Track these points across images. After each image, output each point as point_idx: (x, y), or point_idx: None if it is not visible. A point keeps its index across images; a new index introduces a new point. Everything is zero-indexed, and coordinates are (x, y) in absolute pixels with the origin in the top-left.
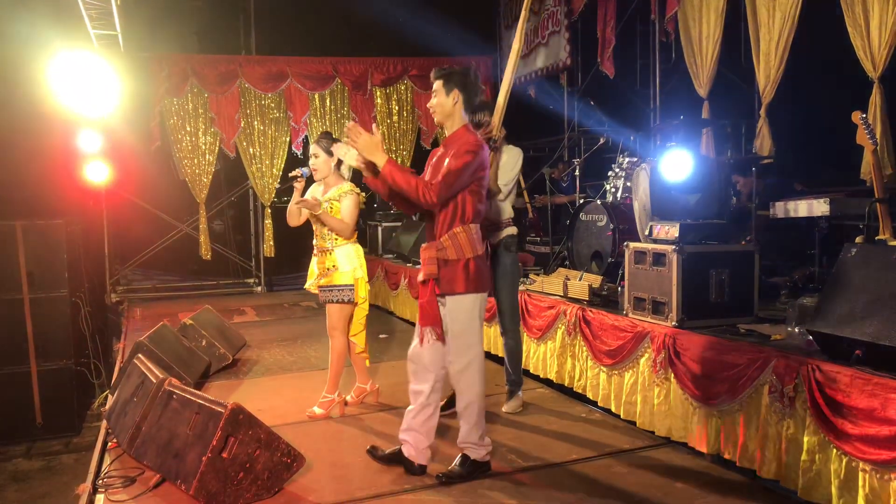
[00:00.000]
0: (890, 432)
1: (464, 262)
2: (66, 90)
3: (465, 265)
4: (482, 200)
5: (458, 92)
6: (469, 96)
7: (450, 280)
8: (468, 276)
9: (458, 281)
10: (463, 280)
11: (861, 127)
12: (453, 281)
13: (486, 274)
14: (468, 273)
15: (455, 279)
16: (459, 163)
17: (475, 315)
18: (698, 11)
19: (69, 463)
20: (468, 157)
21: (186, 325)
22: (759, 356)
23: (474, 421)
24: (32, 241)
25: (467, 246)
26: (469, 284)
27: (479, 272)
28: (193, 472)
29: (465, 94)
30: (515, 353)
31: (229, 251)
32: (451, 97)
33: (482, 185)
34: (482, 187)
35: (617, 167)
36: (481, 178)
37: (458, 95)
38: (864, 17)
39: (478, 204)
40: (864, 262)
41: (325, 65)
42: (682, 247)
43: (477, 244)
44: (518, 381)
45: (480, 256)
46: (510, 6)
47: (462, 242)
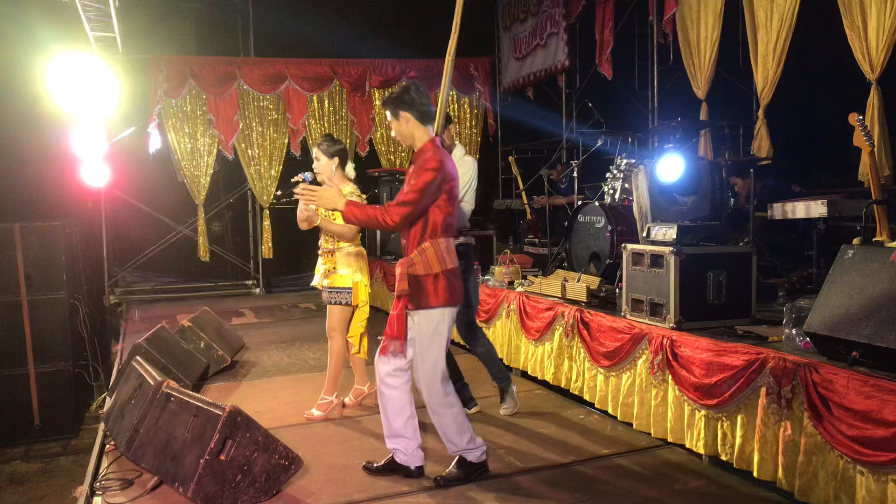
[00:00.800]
0: (887, 433)
1: (432, 276)
2: (64, 92)
3: (434, 279)
4: (452, 213)
5: (405, 112)
6: (418, 111)
7: (419, 295)
8: (437, 290)
9: (426, 295)
10: (432, 294)
11: (858, 129)
12: (422, 296)
13: (457, 287)
14: (437, 287)
15: (424, 294)
16: (419, 182)
17: (441, 330)
18: (696, 13)
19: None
20: (427, 175)
21: (185, 327)
22: (756, 358)
23: (454, 430)
24: (30, 243)
25: (435, 261)
26: (437, 299)
27: (449, 286)
28: (191, 475)
29: (412, 111)
30: (488, 355)
31: (228, 253)
32: (402, 120)
33: (451, 199)
34: (451, 200)
35: (615, 169)
36: (449, 190)
37: (407, 116)
38: (862, 20)
39: (447, 217)
40: (861, 264)
41: (324, 66)
42: (679, 248)
43: (446, 258)
44: (503, 376)
45: (450, 270)
46: (508, 8)
47: (430, 257)
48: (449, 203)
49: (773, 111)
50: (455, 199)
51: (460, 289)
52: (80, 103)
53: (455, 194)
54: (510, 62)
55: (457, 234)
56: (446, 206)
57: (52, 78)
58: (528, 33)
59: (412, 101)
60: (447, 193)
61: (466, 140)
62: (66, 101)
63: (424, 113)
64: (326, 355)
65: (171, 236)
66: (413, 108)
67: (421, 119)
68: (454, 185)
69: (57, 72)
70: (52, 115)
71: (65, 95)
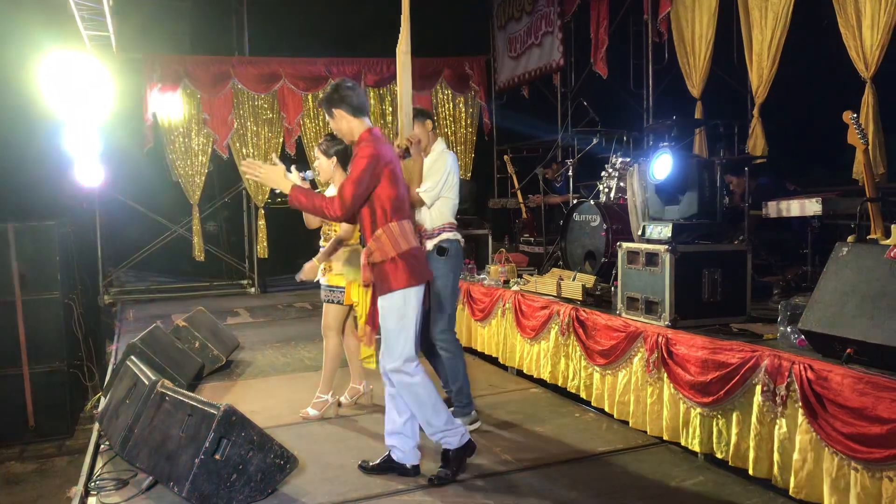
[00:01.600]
0: (881, 430)
1: (389, 260)
2: (58, 91)
3: (392, 262)
4: (398, 196)
5: (338, 109)
6: (350, 105)
7: (381, 280)
8: (396, 272)
9: (386, 280)
10: (391, 278)
11: (852, 127)
12: (383, 281)
13: (416, 268)
14: (396, 270)
15: (384, 279)
16: (354, 172)
17: (405, 312)
18: (691, 12)
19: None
20: (361, 163)
21: (180, 326)
22: (751, 355)
23: (428, 412)
24: (25, 243)
25: (388, 245)
26: (397, 281)
27: (408, 267)
28: (186, 474)
29: (344, 106)
30: (450, 367)
31: (223, 252)
32: (338, 117)
33: (393, 180)
34: (393, 182)
35: (610, 167)
36: (389, 173)
37: (341, 112)
38: (857, 18)
39: (394, 201)
40: (855, 262)
41: (318, 65)
42: (674, 247)
43: (401, 240)
44: (461, 399)
45: (407, 251)
46: (503, 7)
47: (384, 243)
48: (392, 186)
49: (767, 109)
50: (398, 180)
51: (422, 268)
52: (73, 103)
53: (397, 175)
54: (505, 61)
55: (426, 234)
56: (390, 189)
57: (45, 77)
58: (522, 32)
59: (343, 97)
60: (387, 177)
61: (462, 139)
62: (60, 100)
63: (357, 107)
64: (322, 354)
65: (165, 236)
66: (344, 103)
67: (354, 113)
68: (394, 168)
69: (50, 71)
70: (45, 114)
71: (58, 95)
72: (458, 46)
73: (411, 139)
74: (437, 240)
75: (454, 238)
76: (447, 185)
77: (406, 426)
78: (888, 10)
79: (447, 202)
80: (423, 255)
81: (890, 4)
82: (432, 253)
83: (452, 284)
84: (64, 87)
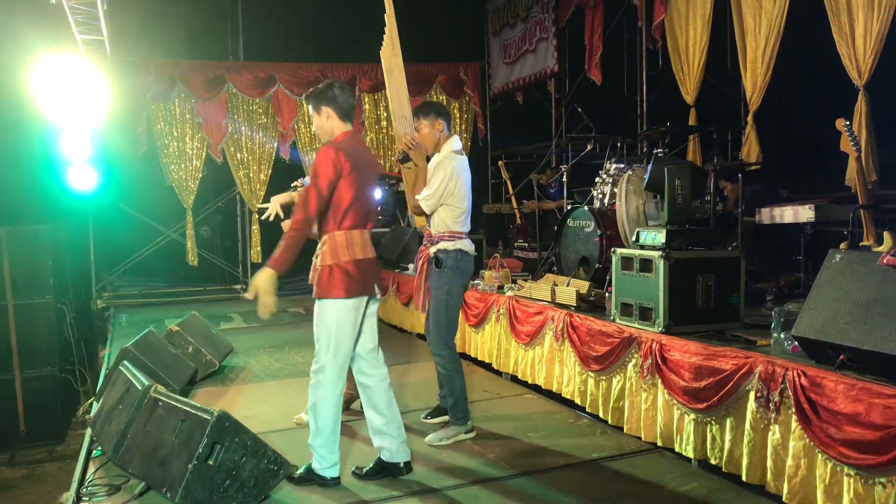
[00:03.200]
0: (874, 437)
1: (327, 268)
2: (51, 95)
3: (329, 272)
4: (352, 204)
5: (328, 108)
6: (340, 108)
7: (316, 286)
8: (330, 281)
9: (320, 286)
10: (324, 286)
11: (845, 134)
12: (318, 286)
13: (350, 281)
14: (330, 279)
15: (319, 284)
16: (311, 182)
17: (331, 323)
18: (685, 19)
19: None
20: (316, 171)
21: (173, 331)
22: (745, 362)
23: (316, 426)
24: (17, 247)
25: (328, 254)
26: (327, 290)
27: (342, 279)
28: (179, 480)
29: (334, 107)
30: (446, 383)
31: (216, 257)
32: (324, 115)
33: (350, 188)
34: (350, 190)
35: (604, 173)
36: (350, 181)
37: (329, 111)
38: (850, 26)
39: (346, 209)
40: (848, 268)
41: (313, 70)
42: (668, 253)
43: (341, 251)
44: (456, 413)
45: (347, 262)
46: (498, 13)
47: (326, 251)
48: (348, 194)
49: (760, 116)
50: (357, 188)
51: (361, 282)
52: (67, 106)
53: (358, 183)
54: (500, 67)
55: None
56: (344, 197)
57: (39, 81)
58: (517, 38)
59: (335, 97)
60: (346, 184)
61: None
62: (54, 103)
63: (346, 111)
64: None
65: (159, 240)
66: (335, 104)
67: (342, 116)
68: (356, 176)
69: (44, 74)
70: (39, 118)
71: (52, 98)
72: (452, 52)
73: (409, 143)
74: (436, 247)
75: (453, 248)
76: (448, 193)
77: (390, 426)
78: (881, 19)
79: (450, 210)
80: (370, 268)
81: (883, 13)
82: (433, 261)
83: (447, 297)
84: (57, 90)
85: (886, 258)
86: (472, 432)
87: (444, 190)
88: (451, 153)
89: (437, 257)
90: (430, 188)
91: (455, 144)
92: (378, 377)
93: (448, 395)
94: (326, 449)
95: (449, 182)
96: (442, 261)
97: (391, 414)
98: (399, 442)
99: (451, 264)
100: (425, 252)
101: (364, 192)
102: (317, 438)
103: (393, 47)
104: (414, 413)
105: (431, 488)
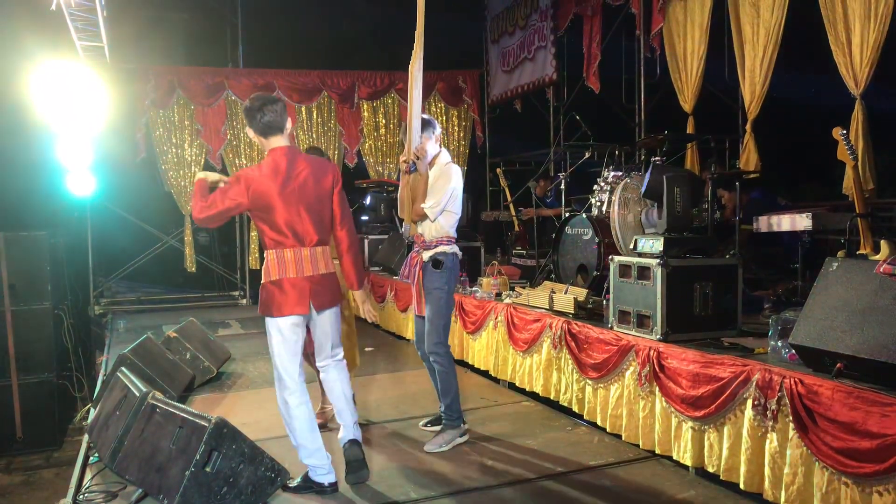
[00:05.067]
0: (871, 445)
1: (263, 284)
2: (50, 101)
3: (263, 288)
4: (272, 229)
5: (249, 128)
6: (254, 125)
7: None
8: (262, 297)
9: (260, 301)
10: (260, 301)
11: (841, 143)
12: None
13: (273, 300)
14: (263, 295)
15: (259, 300)
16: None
17: (270, 338)
18: (683, 27)
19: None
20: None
21: (171, 337)
22: (742, 370)
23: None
24: (15, 253)
25: (264, 271)
26: (261, 307)
27: (269, 296)
28: (176, 487)
29: (251, 125)
30: (443, 380)
31: (214, 263)
32: (250, 133)
33: (265, 213)
34: (265, 216)
35: (602, 181)
36: (262, 207)
37: (250, 131)
38: (847, 35)
39: (268, 232)
40: (845, 277)
41: (312, 77)
42: (666, 260)
43: (272, 269)
44: (450, 413)
45: (276, 282)
46: (496, 21)
47: (264, 268)
48: (264, 220)
49: (758, 125)
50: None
51: (282, 301)
52: (66, 112)
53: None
54: (498, 75)
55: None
56: (263, 223)
57: (38, 87)
58: (516, 46)
59: (249, 115)
60: (260, 211)
61: (454, 152)
62: (53, 110)
63: (259, 125)
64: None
65: (157, 246)
66: (251, 122)
67: (259, 131)
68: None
69: (43, 81)
70: (38, 124)
71: (51, 105)
72: (451, 60)
73: (417, 153)
74: (433, 251)
75: (451, 251)
76: (451, 200)
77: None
78: (877, 28)
79: (449, 216)
80: (298, 287)
81: (879, 22)
82: (428, 264)
83: (447, 297)
84: (57, 96)
85: (883, 266)
86: (465, 435)
87: (448, 198)
88: (449, 162)
89: (436, 259)
90: (435, 197)
91: (447, 155)
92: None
93: (444, 395)
94: (314, 458)
95: (452, 191)
96: (442, 262)
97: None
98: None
99: (449, 265)
100: (417, 257)
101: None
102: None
103: (418, 62)
104: (413, 420)
105: (429, 496)
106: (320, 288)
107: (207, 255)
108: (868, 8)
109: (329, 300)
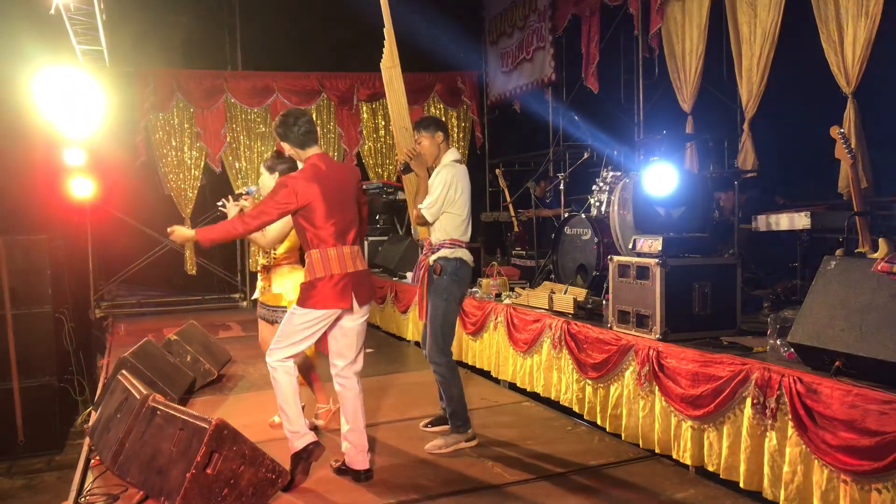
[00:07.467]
0: (870, 443)
1: (308, 282)
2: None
3: (307, 285)
4: (315, 229)
5: (282, 141)
6: (289, 137)
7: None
8: (304, 294)
9: (301, 295)
10: (303, 296)
11: (839, 141)
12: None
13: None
14: (305, 292)
15: (300, 293)
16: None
17: (294, 324)
18: (681, 28)
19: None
20: (275, 190)
21: (171, 340)
22: (741, 368)
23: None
24: (15, 257)
25: (308, 270)
26: (304, 301)
27: (316, 293)
28: (177, 489)
29: (287, 139)
30: (444, 391)
31: (214, 266)
32: (286, 146)
33: (311, 215)
34: (311, 217)
35: (601, 181)
36: (308, 209)
37: (286, 146)
38: (839, 34)
39: (312, 232)
40: (843, 275)
41: (311, 80)
42: (665, 260)
43: (317, 267)
44: (455, 421)
45: (320, 279)
46: (495, 22)
47: (307, 267)
48: (309, 220)
49: (756, 124)
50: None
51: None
52: (66, 116)
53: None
54: (497, 76)
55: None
56: (307, 223)
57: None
58: (514, 47)
59: (286, 127)
60: (306, 212)
61: None
62: (53, 114)
63: (294, 138)
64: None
65: (157, 249)
66: (286, 136)
67: (295, 144)
68: (306, 206)
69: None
70: (37, 128)
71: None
72: (450, 61)
73: (410, 154)
74: (436, 255)
75: (453, 256)
76: (449, 201)
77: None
78: (867, 27)
79: (451, 217)
80: (343, 283)
81: (869, 21)
82: (431, 269)
83: (446, 305)
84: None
85: (881, 265)
86: (473, 440)
87: (444, 198)
88: (451, 162)
89: (436, 264)
90: (431, 196)
91: (453, 154)
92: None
93: (447, 404)
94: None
95: (449, 190)
96: (442, 268)
97: (355, 423)
98: (356, 451)
99: (451, 271)
100: (425, 261)
101: (329, 216)
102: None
103: (392, 59)
104: (413, 421)
105: (429, 496)
106: (361, 284)
107: (207, 258)
108: (860, 6)
109: (369, 295)
